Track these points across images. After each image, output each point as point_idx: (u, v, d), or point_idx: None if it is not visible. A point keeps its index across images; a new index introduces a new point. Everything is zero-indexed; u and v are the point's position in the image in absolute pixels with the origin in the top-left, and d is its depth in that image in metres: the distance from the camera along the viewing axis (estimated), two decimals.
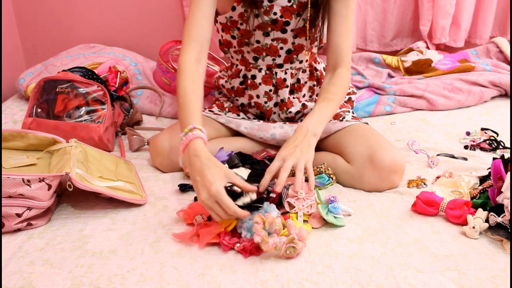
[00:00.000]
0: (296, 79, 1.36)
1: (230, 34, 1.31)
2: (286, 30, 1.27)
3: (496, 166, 1.00)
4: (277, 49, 1.30)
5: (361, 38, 2.05)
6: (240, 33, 1.29)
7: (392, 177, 1.15)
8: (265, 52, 1.31)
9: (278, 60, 1.32)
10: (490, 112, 1.62)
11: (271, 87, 1.35)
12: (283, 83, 1.34)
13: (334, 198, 1.03)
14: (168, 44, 1.77)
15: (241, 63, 1.36)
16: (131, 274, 0.88)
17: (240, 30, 1.28)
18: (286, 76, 1.34)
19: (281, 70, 1.33)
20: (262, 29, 1.27)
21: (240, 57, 1.35)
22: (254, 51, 1.31)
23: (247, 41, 1.30)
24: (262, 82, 1.34)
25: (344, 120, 1.30)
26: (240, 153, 1.27)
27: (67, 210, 1.10)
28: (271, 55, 1.31)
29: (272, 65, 1.33)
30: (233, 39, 1.32)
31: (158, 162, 1.29)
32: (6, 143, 1.20)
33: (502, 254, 0.91)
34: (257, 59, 1.33)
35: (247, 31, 1.28)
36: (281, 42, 1.29)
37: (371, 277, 0.86)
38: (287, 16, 1.25)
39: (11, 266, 0.90)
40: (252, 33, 1.28)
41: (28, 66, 2.07)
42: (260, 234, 0.90)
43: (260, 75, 1.34)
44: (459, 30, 1.96)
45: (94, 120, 1.41)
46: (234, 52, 1.36)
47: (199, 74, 1.14)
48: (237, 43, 1.32)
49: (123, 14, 2.04)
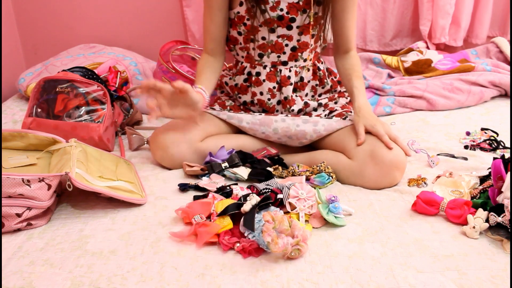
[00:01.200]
0: (299, 77, 1.37)
1: (236, 30, 1.35)
2: (292, 26, 1.30)
3: (496, 166, 1.00)
4: (282, 46, 1.32)
5: (361, 38, 2.05)
6: (247, 29, 1.32)
7: (393, 173, 1.15)
8: (270, 48, 1.33)
9: (283, 57, 1.34)
10: (490, 112, 1.62)
11: (275, 84, 1.36)
12: (287, 80, 1.35)
13: (335, 198, 1.03)
14: (168, 44, 1.77)
15: (246, 60, 1.38)
16: (131, 274, 0.88)
17: (246, 25, 1.32)
18: (290, 73, 1.36)
19: (286, 68, 1.35)
20: (268, 25, 1.30)
21: (245, 54, 1.38)
22: (260, 48, 1.34)
23: (252, 38, 1.33)
24: (266, 78, 1.36)
25: (347, 120, 1.31)
26: (240, 151, 1.27)
27: (67, 210, 1.10)
28: (276, 52, 1.33)
29: (277, 62, 1.35)
30: (239, 36, 1.35)
31: (158, 156, 1.29)
32: (6, 143, 1.19)
33: (502, 254, 0.91)
34: (262, 56, 1.35)
35: (253, 27, 1.31)
36: (287, 39, 1.32)
37: (371, 277, 0.86)
38: (293, 13, 1.28)
39: (11, 266, 0.90)
40: (258, 29, 1.31)
41: (28, 66, 2.07)
42: (270, 234, 0.88)
43: (264, 72, 1.36)
44: (459, 29, 1.96)
45: (94, 120, 1.41)
46: (240, 49, 1.39)
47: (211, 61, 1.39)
48: (243, 40, 1.35)
49: (123, 14, 2.04)
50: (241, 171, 1.23)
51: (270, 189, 1.08)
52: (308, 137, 1.31)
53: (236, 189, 1.11)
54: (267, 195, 1.03)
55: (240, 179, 1.23)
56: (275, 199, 1.04)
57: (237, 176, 1.22)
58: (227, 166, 1.23)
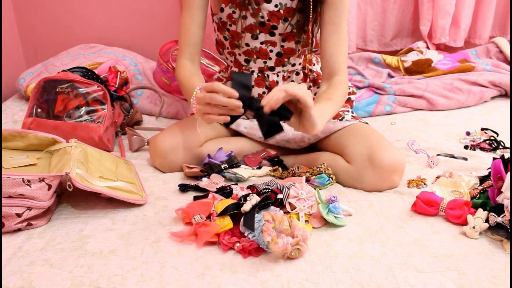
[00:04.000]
0: (290, 81, 1.36)
1: (222, 35, 1.33)
2: (274, 33, 1.27)
3: (496, 166, 1.00)
4: (267, 52, 1.31)
5: (361, 38, 2.05)
6: (230, 35, 1.30)
7: (392, 177, 1.15)
8: (256, 54, 1.31)
9: (269, 62, 1.33)
10: (490, 112, 1.62)
11: (264, 89, 1.35)
12: (276, 85, 1.33)
13: (334, 198, 1.03)
14: (168, 44, 1.77)
15: (235, 64, 1.37)
16: (131, 274, 0.88)
17: (229, 31, 1.30)
18: (278, 78, 1.34)
19: (273, 73, 1.34)
20: (251, 31, 1.27)
21: (233, 58, 1.36)
22: (245, 54, 1.32)
23: (237, 43, 1.31)
24: (255, 84, 1.34)
25: (344, 120, 1.30)
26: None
27: (67, 210, 1.10)
28: (262, 58, 1.32)
29: (264, 68, 1.33)
30: (225, 40, 1.33)
31: (157, 163, 1.29)
32: (6, 143, 1.19)
33: (502, 254, 0.91)
34: (249, 62, 1.33)
35: (236, 33, 1.29)
36: (270, 45, 1.30)
37: (371, 277, 0.86)
38: (274, 21, 1.25)
39: (11, 266, 0.90)
40: (241, 35, 1.29)
41: (28, 66, 2.07)
42: (270, 234, 0.88)
43: (252, 78, 1.33)
44: (459, 30, 1.96)
45: (94, 120, 1.41)
46: (227, 53, 1.37)
47: (195, 69, 1.30)
48: (229, 45, 1.33)
49: (123, 14, 2.04)
50: (241, 171, 1.23)
51: (270, 189, 1.08)
52: (306, 140, 1.31)
53: (236, 189, 1.11)
54: (267, 195, 1.03)
55: (240, 180, 1.23)
56: (275, 199, 1.04)
57: (237, 176, 1.22)
58: (226, 167, 1.23)
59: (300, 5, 1.24)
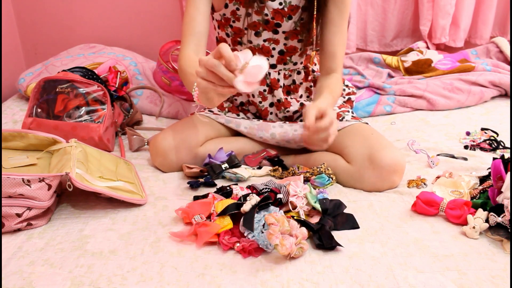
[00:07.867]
0: (291, 80, 1.36)
1: (224, 32, 1.33)
2: (278, 31, 1.28)
3: (496, 166, 1.00)
4: (269, 50, 1.31)
5: (361, 38, 2.05)
6: (233, 31, 1.30)
7: (392, 177, 1.15)
8: (258, 52, 1.31)
9: (271, 60, 1.33)
10: (490, 112, 1.62)
11: (265, 87, 1.35)
12: (277, 83, 1.34)
13: (323, 191, 1.06)
14: (168, 44, 1.77)
15: None
16: (131, 274, 0.88)
17: (233, 28, 1.29)
18: (279, 76, 1.34)
19: (275, 71, 1.34)
20: (254, 28, 1.28)
21: None
22: None
23: (239, 40, 1.31)
24: None
25: (344, 120, 1.30)
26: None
27: (67, 210, 1.10)
28: (264, 55, 1.31)
29: None
30: (227, 37, 1.33)
31: (158, 162, 1.29)
32: (6, 143, 1.19)
33: (502, 254, 0.91)
34: None
35: (239, 29, 1.29)
36: (273, 43, 1.30)
37: (371, 277, 0.86)
38: (278, 19, 1.25)
39: (11, 266, 0.90)
40: (244, 32, 1.29)
41: (28, 66, 2.07)
42: (278, 237, 0.88)
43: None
44: (459, 30, 1.96)
45: (94, 120, 1.41)
46: None
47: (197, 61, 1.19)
48: (231, 42, 1.33)
49: (123, 14, 2.04)
50: (241, 171, 1.23)
51: (269, 189, 1.08)
52: None
53: (236, 189, 1.11)
54: (267, 195, 1.03)
55: (240, 180, 1.23)
56: (275, 199, 1.04)
57: (238, 176, 1.22)
58: (227, 167, 1.23)
59: (304, 3, 1.25)
